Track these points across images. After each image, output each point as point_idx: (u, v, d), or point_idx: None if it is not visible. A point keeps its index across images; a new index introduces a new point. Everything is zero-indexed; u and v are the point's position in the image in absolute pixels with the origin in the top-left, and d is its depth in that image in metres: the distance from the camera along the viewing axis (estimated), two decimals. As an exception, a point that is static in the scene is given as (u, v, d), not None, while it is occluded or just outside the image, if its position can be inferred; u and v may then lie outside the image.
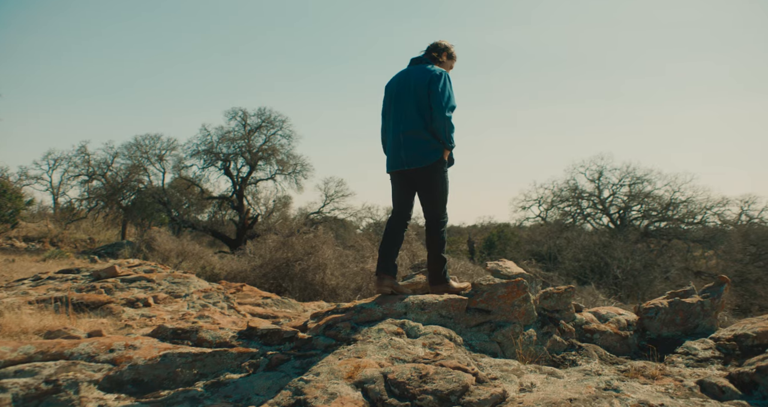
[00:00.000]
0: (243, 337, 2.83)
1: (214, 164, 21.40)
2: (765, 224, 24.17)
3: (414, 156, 3.39)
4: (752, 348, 3.07)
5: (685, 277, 22.13)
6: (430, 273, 3.51)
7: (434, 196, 3.48)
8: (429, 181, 3.45)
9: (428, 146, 3.37)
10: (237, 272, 11.84)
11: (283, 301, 6.91)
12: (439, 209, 3.50)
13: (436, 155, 3.38)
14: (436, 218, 3.51)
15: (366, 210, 27.12)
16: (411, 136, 3.40)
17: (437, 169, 3.41)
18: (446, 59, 3.66)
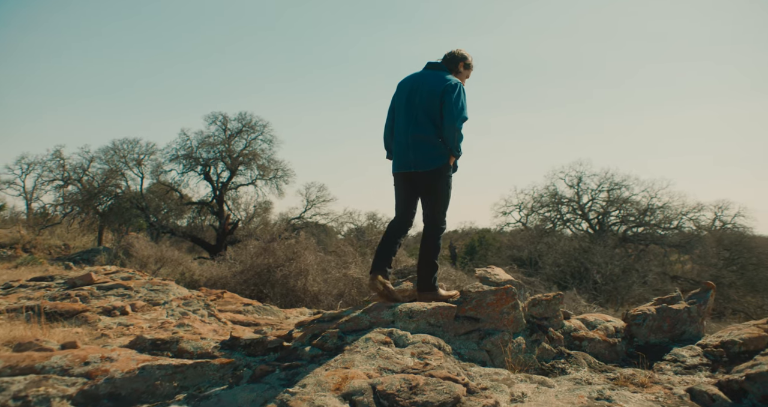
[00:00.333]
0: (226, 347, 2.74)
1: (194, 168, 21.10)
2: (737, 230, 24.70)
3: (422, 159, 3.40)
4: (739, 355, 3.07)
5: (662, 282, 22.45)
6: (419, 279, 3.47)
7: (436, 200, 3.48)
8: (433, 184, 3.45)
9: (437, 151, 3.39)
10: (217, 279, 11.64)
11: (265, 308, 6.79)
12: (438, 214, 3.49)
13: (443, 159, 3.40)
14: (434, 223, 3.49)
15: (347, 216, 27.02)
16: (421, 139, 3.40)
17: (442, 173, 3.42)
18: (463, 69, 3.64)
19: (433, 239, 3.47)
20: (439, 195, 3.47)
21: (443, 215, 3.51)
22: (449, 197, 3.50)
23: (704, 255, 23.10)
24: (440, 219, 3.50)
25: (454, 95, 3.33)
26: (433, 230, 3.49)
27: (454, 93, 3.34)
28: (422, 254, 3.49)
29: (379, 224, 27.26)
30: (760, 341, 3.12)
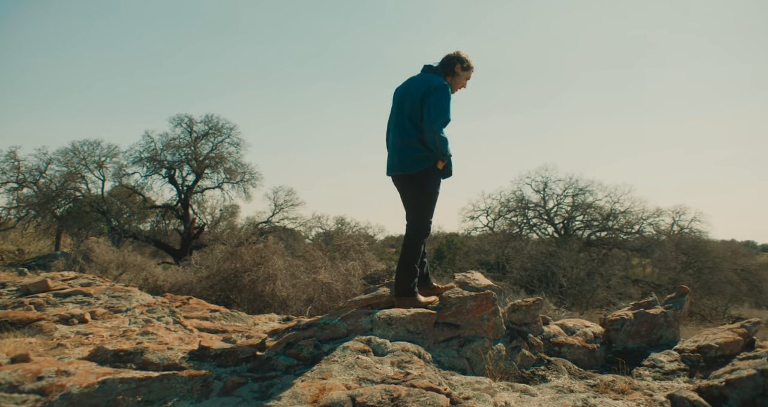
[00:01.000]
0: (194, 358, 2.57)
1: (158, 171, 20.53)
2: (694, 234, 25.51)
3: (404, 162, 3.36)
4: (716, 360, 3.07)
5: (625, 285, 22.96)
6: (396, 284, 3.36)
7: (416, 204, 3.40)
8: (413, 188, 3.39)
9: (418, 154, 3.32)
10: (182, 284, 11.30)
11: (233, 314, 6.58)
12: (418, 218, 3.40)
13: (424, 163, 3.31)
14: (414, 226, 3.41)
15: (316, 220, 26.79)
16: (405, 142, 3.37)
17: (423, 178, 3.34)
18: (460, 71, 3.56)
19: (412, 243, 3.38)
20: (419, 200, 3.40)
21: (424, 219, 3.40)
22: (432, 201, 3.40)
23: (663, 259, 23.77)
24: (421, 223, 3.40)
25: (434, 97, 3.27)
26: (413, 234, 3.40)
27: (435, 95, 3.28)
28: (401, 258, 3.41)
29: (348, 229, 27.12)
30: (735, 345, 3.14)
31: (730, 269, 23.89)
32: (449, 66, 3.54)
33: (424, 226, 3.40)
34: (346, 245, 15.00)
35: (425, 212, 3.40)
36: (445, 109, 3.28)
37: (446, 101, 3.30)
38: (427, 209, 3.40)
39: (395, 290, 3.38)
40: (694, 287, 22.05)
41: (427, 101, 3.27)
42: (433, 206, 3.41)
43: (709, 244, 24.98)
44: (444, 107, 3.28)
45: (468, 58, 3.57)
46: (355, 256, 13.98)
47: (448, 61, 3.55)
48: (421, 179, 3.35)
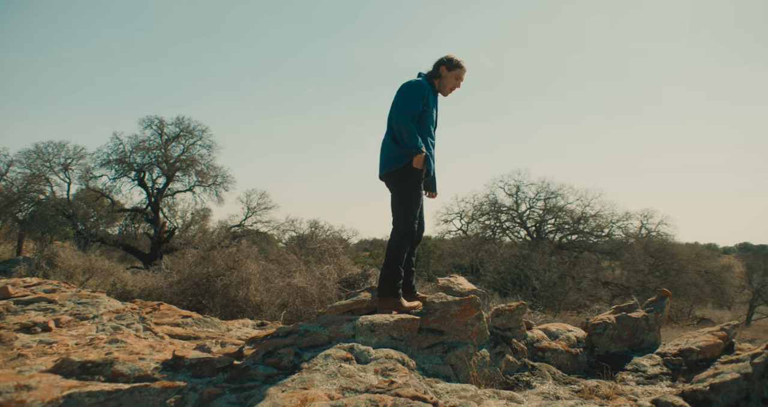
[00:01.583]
0: (168, 368, 2.44)
1: (127, 174, 20.04)
2: (661, 237, 26.13)
3: (382, 163, 3.42)
4: (697, 363, 3.08)
5: (595, 288, 23.36)
6: (379, 285, 3.33)
7: (395, 205, 3.39)
8: (392, 188, 3.41)
9: (392, 153, 3.37)
10: (152, 290, 11.00)
11: (205, 320, 6.39)
12: (397, 219, 3.36)
13: (399, 162, 3.32)
14: (395, 228, 3.38)
15: (289, 223, 26.53)
16: (384, 143, 3.45)
17: (399, 177, 3.34)
18: (446, 71, 3.55)
19: (393, 244, 3.35)
20: (397, 200, 3.39)
21: (404, 219, 3.35)
22: (411, 201, 3.34)
23: (632, 262, 24.28)
24: (400, 224, 3.35)
25: (400, 93, 3.37)
26: (394, 235, 3.37)
27: (402, 90, 3.37)
28: (384, 260, 3.39)
29: (322, 232, 26.93)
30: (715, 348, 3.15)
31: (694, 272, 24.55)
32: (435, 68, 3.58)
33: (404, 227, 3.34)
34: (320, 249, 14.84)
35: (404, 212, 3.36)
36: (410, 101, 3.31)
37: (412, 94, 3.33)
38: (405, 209, 3.35)
39: (378, 291, 3.34)
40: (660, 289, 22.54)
41: (396, 97, 3.37)
42: (413, 206, 3.35)
43: (675, 247, 25.65)
44: (409, 99, 3.32)
45: (455, 57, 3.56)
46: (330, 260, 13.83)
47: (436, 63, 3.58)
48: (397, 178, 3.36)
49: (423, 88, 3.38)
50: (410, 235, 3.34)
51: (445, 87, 3.56)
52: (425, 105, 3.39)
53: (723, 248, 52.42)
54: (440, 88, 3.57)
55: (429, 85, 3.48)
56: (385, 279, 3.31)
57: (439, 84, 3.56)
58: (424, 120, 3.41)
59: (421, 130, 3.38)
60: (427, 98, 3.40)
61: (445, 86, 3.56)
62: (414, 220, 3.34)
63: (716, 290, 25.57)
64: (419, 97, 3.34)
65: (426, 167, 3.33)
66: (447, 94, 3.61)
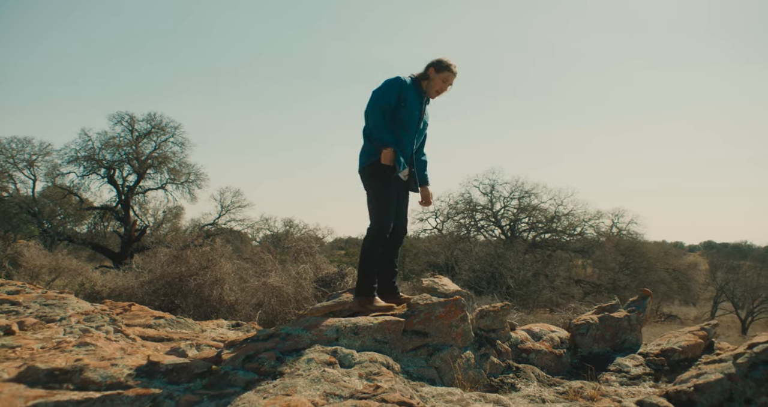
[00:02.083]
0: (142, 375, 2.33)
1: (96, 171, 19.50)
2: (631, 236, 26.67)
3: (359, 158, 3.39)
4: (679, 363, 3.09)
5: (567, 285, 23.71)
6: (356, 284, 3.29)
7: (367, 202, 3.34)
8: (364, 184, 3.37)
9: (364, 150, 3.36)
10: (122, 290, 10.71)
11: (178, 321, 6.23)
12: (370, 217, 3.31)
13: (368, 157, 3.30)
14: (369, 226, 3.32)
15: (263, 222, 26.25)
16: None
17: (368, 173, 3.31)
18: (434, 73, 3.45)
19: (365, 242, 3.32)
20: (368, 197, 3.36)
21: (375, 217, 3.30)
22: (382, 199, 3.28)
23: (603, 260, 24.71)
24: (373, 222, 3.31)
25: (376, 89, 3.33)
26: (367, 233, 3.33)
27: (381, 84, 3.34)
28: (359, 259, 3.37)
29: (296, 231, 26.70)
30: (696, 348, 3.17)
31: (662, 269, 25.15)
32: (424, 70, 3.51)
33: (375, 225, 3.29)
34: (296, 248, 14.68)
35: (375, 210, 3.31)
36: (382, 95, 3.28)
37: (385, 89, 3.30)
38: (376, 206, 3.30)
39: (355, 290, 3.31)
40: (631, 287, 23.02)
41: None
42: (384, 204, 3.28)
43: (644, 245, 26.22)
44: (381, 93, 3.29)
45: (445, 60, 3.48)
46: (306, 259, 13.68)
47: (426, 65, 3.51)
48: (368, 175, 3.33)
49: (399, 84, 3.31)
50: (382, 233, 3.27)
51: (431, 89, 3.48)
52: (402, 101, 3.31)
53: (689, 247, 53.87)
54: (427, 89, 3.49)
55: (413, 85, 3.41)
56: (360, 279, 3.28)
57: (426, 86, 3.48)
58: (400, 116, 3.33)
59: (395, 126, 3.32)
60: (404, 95, 3.32)
61: (432, 88, 3.47)
62: (386, 218, 3.28)
63: (683, 287, 26.24)
64: (393, 92, 3.29)
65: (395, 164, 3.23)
66: (434, 97, 3.53)
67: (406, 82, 3.37)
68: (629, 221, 27.22)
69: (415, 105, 3.41)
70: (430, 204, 3.65)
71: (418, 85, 3.46)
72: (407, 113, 3.35)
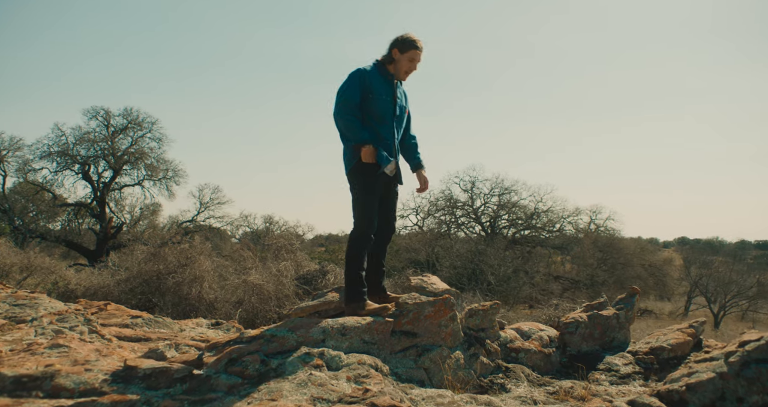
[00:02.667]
0: (119, 380, 2.21)
1: (70, 167, 19.03)
2: (609, 232, 27.02)
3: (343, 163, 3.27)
4: (668, 361, 3.07)
5: (547, 282, 23.93)
6: (344, 289, 3.14)
7: (352, 204, 3.20)
8: (349, 187, 3.22)
9: (344, 153, 3.24)
10: (98, 288, 10.45)
11: (156, 320, 6.06)
12: (354, 219, 3.17)
13: (349, 160, 3.18)
14: (353, 228, 3.18)
15: (243, 219, 25.98)
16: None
17: (353, 174, 3.17)
18: (399, 54, 3.23)
19: (350, 245, 3.16)
20: (353, 197, 3.21)
21: (359, 219, 3.14)
22: (365, 200, 3.14)
23: (581, 256, 24.99)
24: (356, 224, 3.16)
25: (341, 85, 3.17)
26: (351, 236, 3.18)
27: (343, 83, 3.17)
28: (345, 263, 3.20)
29: (276, 228, 26.48)
30: (685, 346, 3.16)
31: (639, 265, 25.53)
32: (387, 52, 3.27)
33: (359, 227, 3.14)
34: (277, 245, 14.51)
35: (359, 211, 3.16)
36: (345, 93, 3.11)
37: (347, 86, 3.14)
38: (360, 208, 3.15)
39: (344, 297, 3.14)
40: (609, 282, 23.34)
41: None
42: (367, 205, 3.14)
43: (621, 241, 26.56)
44: (343, 91, 3.12)
45: (408, 37, 3.23)
46: (287, 256, 13.54)
47: (389, 46, 3.27)
48: (351, 177, 3.20)
49: (360, 77, 3.14)
50: (367, 235, 3.13)
51: (399, 71, 3.26)
52: (368, 93, 3.14)
53: (663, 243, 54.89)
54: (394, 72, 3.27)
55: (377, 71, 3.23)
56: (348, 284, 3.12)
57: (392, 68, 3.26)
58: (372, 108, 3.16)
59: (369, 119, 3.16)
60: (369, 86, 3.14)
61: (400, 70, 3.25)
62: (370, 220, 3.14)
63: (659, 282, 26.69)
64: (355, 86, 3.13)
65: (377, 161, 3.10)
66: (404, 79, 3.33)
67: (368, 71, 3.18)
68: (607, 217, 27.54)
69: (385, 92, 3.21)
70: (426, 189, 3.50)
71: (385, 70, 3.26)
72: (378, 103, 3.17)
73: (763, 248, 55.27)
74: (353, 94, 3.12)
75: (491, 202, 27.55)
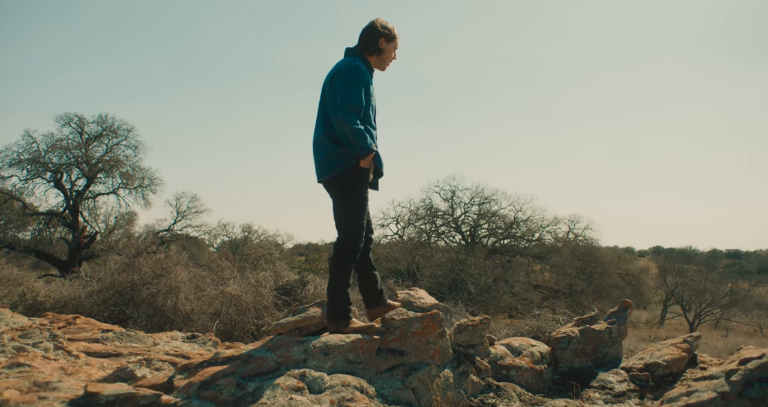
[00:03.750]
0: (79, 409, 2.03)
1: (42, 175, 18.48)
2: (587, 241, 27.27)
3: (321, 166, 2.91)
4: (664, 378, 2.98)
5: (527, 291, 23.98)
6: (327, 305, 2.91)
7: (339, 213, 2.91)
8: (333, 193, 2.94)
9: (331, 155, 2.87)
10: (68, 300, 10.08)
11: (129, 333, 5.82)
12: (342, 229, 2.90)
13: (341, 164, 2.84)
14: (339, 239, 2.92)
15: (221, 228, 25.60)
16: (318, 143, 2.93)
17: (341, 180, 2.85)
18: (386, 44, 2.99)
19: (338, 258, 2.89)
20: (339, 208, 2.91)
21: (349, 229, 2.87)
22: (358, 207, 2.88)
23: (561, 265, 25.14)
24: (345, 234, 2.88)
25: (339, 82, 2.83)
26: (338, 247, 2.91)
27: (340, 79, 2.83)
28: (329, 277, 2.94)
29: (256, 237, 26.12)
30: (681, 362, 3.07)
31: (616, 274, 25.79)
32: (371, 42, 3.00)
33: (350, 240, 2.88)
34: (256, 255, 14.27)
35: (350, 221, 2.88)
36: (352, 93, 2.79)
37: (354, 84, 2.81)
38: (351, 217, 2.87)
39: (327, 314, 2.90)
40: (587, 291, 23.50)
41: (335, 86, 2.84)
42: (360, 215, 2.89)
43: (600, 251, 26.82)
44: (350, 91, 2.79)
45: (389, 25, 3.03)
46: (266, 266, 13.31)
47: (368, 36, 3.00)
48: (341, 184, 2.87)
49: (364, 75, 2.86)
50: (357, 248, 2.89)
51: (384, 62, 3.05)
52: (368, 95, 2.89)
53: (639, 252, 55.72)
54: (377, 64, 3.06)
55: (366, 67, 2.99)
56: (332, 300, 2.86)
57: (376, 60, 3.04)
58: (366, 111, 2.92)
59: (365, 124, 2.89)
60: (367, 85, 2.90)
61: (385, 61, 3.06)
62: (362, 231, 2.91)
63: (636, 291, 26.96)
64: (361, 87, 2.83)
65: (376, 165, 2.93)
66: (384, 70, 3.12)
67: (367, 71, 2.94)
68: (585, 227, 27.79)
69: (372, 91, 2.99)
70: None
71: (368, 63, 3.04)
72: (370, 105, 2.95)
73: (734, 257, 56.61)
74: (360, 96, 2.83)
75: (471, 211, 27.61)
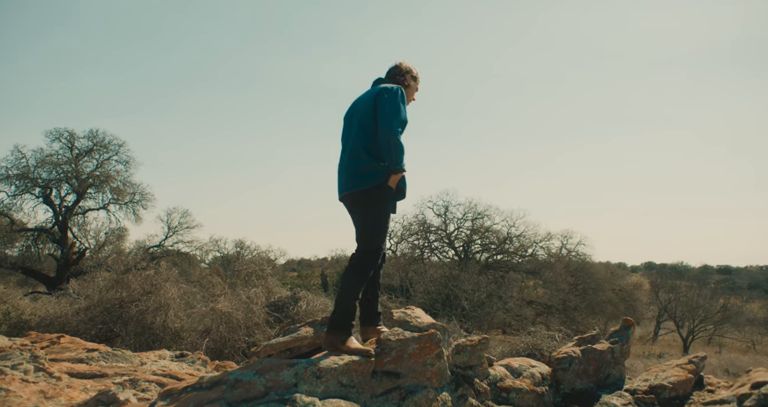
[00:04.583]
0: (53, 439, 1.89)
1: (30, 191, 18.27)
2: (580, 257, 27.26)
3: (349, 179, 2.93)
4: (670, 401, 2.87)
5: (520, 307, 23.86)
6: (331, 316, 2.83)
7: (360, 226, 2.94)
8: (358, 208, 2.94)
9: (366, 167, 2.90)
10: (54, 318, 9.86)
11: (115, 353, 5.67)
12: (362, 243, 2.91)
13: (373, 179, 2.88)
14: (357, 253, 2.91)
15: (213, 243, 25.42)
16: (351, 157, 2.95)
17: (370, 195, 2.88)
18: (411, 81, 3.24)
19: (355, 270, 2.87)
20: (363, 221, 2.94)
21: (372, 243, 2.90)
22: (381, 221, 2.92)
23: (554, 281, 25.07)
24: (366, 247, 2.90)
25: (388, 95, 2.93)
26: (353, 262, 2.92)
27: (388, 93, 2.94)
28: (339, 287, 2.93)
29: (248, 253, 25.93)
30: (687, 384, 2.97)
31: (609, 290, 25.74)
32: (400, 76, 3.23)
33: (371, 252, 2.89)
34: (247, 270, 14.07)
35: (373, 234, 2.91)
36: (401, 108, 2.93)
37: (402, 102, 2.96)
38: (375, 230, 2.91)
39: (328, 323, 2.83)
40: (581, 307, 23.40)
41: (381, 100, 2.93)
42: (383, 227, 2.94)
43: (593, 266, 26.82)
44: (399, 106, 2.92)
45: (415, 69, 3.29)
46: (258, 282, 13.11)
47: (397, 72, 3.24)
48: (369, 196, 2.90)
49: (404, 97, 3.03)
50: (374, 264, 2.90)
51: (408, 98, 3.24)
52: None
53: (631, 267, 55.86)
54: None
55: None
56: (339, 309, 2.80)
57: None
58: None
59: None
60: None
61: (409, 97, 3.25)
62: (380, 246, 2.94)
63: (629, 307, 26.89)
64: (404, 105, 2.99)
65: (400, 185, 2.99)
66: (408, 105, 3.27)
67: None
68: (578, 242, 27.80)
69: None
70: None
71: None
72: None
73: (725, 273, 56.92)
74: (406, 114, 3.01)
75: (464, 226, 27.58)
